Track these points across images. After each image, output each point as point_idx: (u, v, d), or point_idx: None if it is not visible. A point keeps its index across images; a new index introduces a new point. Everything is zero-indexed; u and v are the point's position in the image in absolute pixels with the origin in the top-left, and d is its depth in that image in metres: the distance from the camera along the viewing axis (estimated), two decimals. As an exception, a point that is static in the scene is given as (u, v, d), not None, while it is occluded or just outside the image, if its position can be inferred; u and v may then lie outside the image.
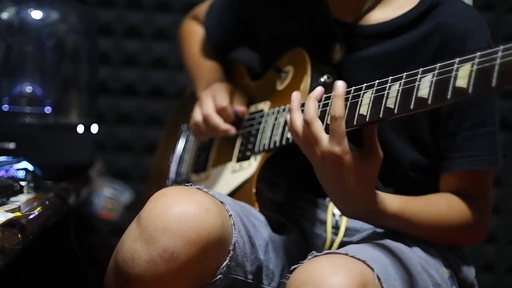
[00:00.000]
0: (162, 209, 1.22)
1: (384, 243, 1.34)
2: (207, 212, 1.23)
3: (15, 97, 1.76)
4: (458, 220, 1.40)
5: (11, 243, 1.15)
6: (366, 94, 1.23)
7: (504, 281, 2.52)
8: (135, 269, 1.20)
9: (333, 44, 1.46)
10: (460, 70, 1.09)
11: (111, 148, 2.54)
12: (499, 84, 1.03)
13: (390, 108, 1.19)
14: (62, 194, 1.60)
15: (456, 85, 1.09)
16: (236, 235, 1.29)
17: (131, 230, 1.23)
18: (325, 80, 1.45)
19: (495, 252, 2.50)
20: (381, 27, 1.42)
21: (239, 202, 1.41)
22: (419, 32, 1.39)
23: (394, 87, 1.19)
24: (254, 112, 1.59)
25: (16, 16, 1.81)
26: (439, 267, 1.38)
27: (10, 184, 1.42)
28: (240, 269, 1.31)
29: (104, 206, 2.21)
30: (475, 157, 1.39)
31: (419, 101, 1.15)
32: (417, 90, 1.15)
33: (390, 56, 1.40)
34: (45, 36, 1.81)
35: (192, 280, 1.23)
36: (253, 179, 1.47)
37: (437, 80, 1.12)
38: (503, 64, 1.02)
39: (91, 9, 2.41)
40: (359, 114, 1.23)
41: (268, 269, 1.37)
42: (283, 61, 1.56)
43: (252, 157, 1.52)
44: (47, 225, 1.42)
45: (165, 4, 2.54)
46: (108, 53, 2.52)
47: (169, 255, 1.19)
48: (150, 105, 2.55)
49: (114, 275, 1.23)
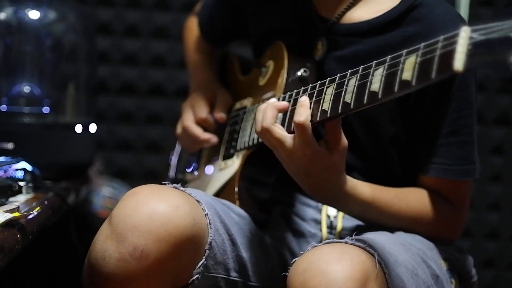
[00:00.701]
0: (133, 208, 1.23)
1: (384, 233, 1.35)
2: (177, 209, 1.24)
3: (13, 97, 1.76)
4: (428, 215, 1.40)
5: (11, 243, 1.15)
6: (329, 89, 1.24)
7: (505, 277, 2.52)
8: (106, 267, 1.20)
9: (316, 40, 1.46)
10: (406, 63, 1.09)
11: (111, 146, 2.54)
12: (437, 75, 1.02)
13: (347, 103, 1.19)
14: (62, 193, 1.60)
15: (402, 78, 1.09)
16: (213, 234, 1.29)
17: (103, 229, 1.24)
18: (301, 74, 1.44)
19: (496, 248, 2.50)
20: (361, 25, 1.41)
21: (222, 201, 1.41)
22: (399, 33, 1.38)
23: (351, 82, 1.20)
24: (238, 109, 1.60)
25: (14, 15, 1.81)
26: (437, 259, 1.39)
27: (9, 184, 1.42)
28: (221, 267, 1.31)
29: (103, 205, 2.20)
30: (448, 166, 1.39)
31: (371, 95, 1.15)
32: (370, 84, 1.15)
33: (369, 56, 1.38)
34: (43, 35, 1.81)
35: (166, 278, 1.23)
36: (236, 177, 1.47)
37: (387, 73, 1.12)
38: (442, 55, 1.01)
39: (90, 8, 2.41)
40: (322, 109, 1.24)
41: (254, 266, 1.37)
42: (266, 55, 1.55)
43: (235, 155, 1.52)
44: (46, 225, 1.42)
45: (164, 3, 2.54)
46: (108, 52, 2.52)
47: (139, 253, 1.19)
48: (150, 103, 2.55)
49: (88, 273, 1.24)
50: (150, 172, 2.54)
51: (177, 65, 2.53)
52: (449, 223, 1.44)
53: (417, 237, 1.40)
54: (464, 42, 0.98)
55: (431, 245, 1.41)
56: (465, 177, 1.41)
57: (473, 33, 0.98)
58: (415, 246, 1.36)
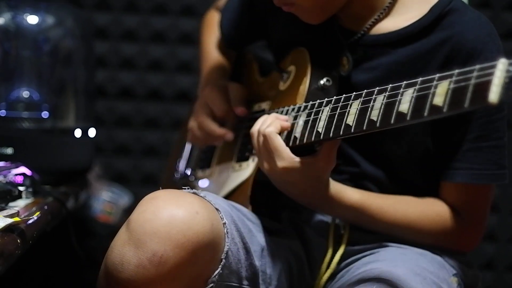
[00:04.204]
0: (152, 213, 1.22)
1: (397, 258, 1.35)
2: (196, 215, 1.23)
3: (12, 102, 1.76)
4: (429, 226, 1.40)
5: (11, 248, 1.15)
6: (354, 104, 1.24)
7: (504, 279, 2.52)
8: (124, 273, 1.19)
9: (341, 55, 1.44)
10: (438, 87, 1.08)
11: (110, 151, 2.54)
12: (471, 105, 1.02)
13: (373, 120, 1.19)
14: (61, 198, 1.60)
15: (433, 103, 1.08)
16: (229, 243, 1.28)
17: (120, 234, 1.23)
18: (324, 83, 1.42)
19: (495, 251, 2.50)
20: (390, 36, 1.40)
21: (235, 205, 1.41)
22: (429, 41, 1.38)
23: (379, 99, 1.19)
24: (256, 111, 1.58)
25: (12, 21, 1.81)
26: (448, 277, 1.38)
27: (8, 189, 1.42)
28: (234, 276, 1.31)
29: (103, 209, 2.21)
30: (476, 171, 1.37)
31: (398, 115, 1.14)
32: (398, 104, 1.15)
33: (400, 66, 1.38)
34: (41, 40, 1.81)
35: (182, 284, 1.22)
36: (249, 181, 1.47)
37: (417, 95, 1.12)
38: (477, 85, 1.01)
39: (87, 13, 2.41)
40: (346, 124, 1.24)
41: (265, 274, 1.36)
42: (287, 60, 1.54)
43: (251, 158, 1.52)
44: (46, 229, 1.42)
45: (162, 7, 2.54)
46: (105, 57, 2.52)
47: (158, 259, 1.19)
48: (148, 107, 2.54)
49: (104, 279, 1.23)
50: (148, 177, 2.53)
51: (175, 69, 2.53)
52: (460, 236, 1.42)
53: (428, 256, 1.39)
54: (501, 75, 0.98)
55: (441, 262, 1.40)
56: (492, 181, 1.39)
57: (510, 66, 0.98)
58: (428, 271, 1.34)
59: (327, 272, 1.42)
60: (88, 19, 2.10)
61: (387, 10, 1.42)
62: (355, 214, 1.39)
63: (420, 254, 1.38)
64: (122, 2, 2.53)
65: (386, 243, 1.42)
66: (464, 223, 1.41)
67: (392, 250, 1.40)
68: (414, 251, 1.39)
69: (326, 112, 1.30)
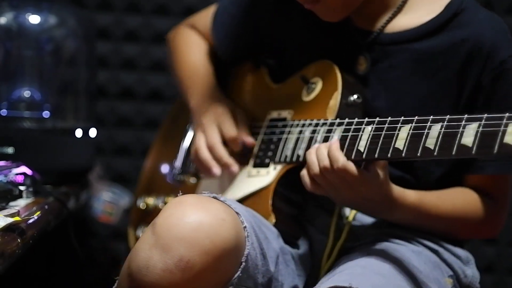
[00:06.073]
0: (178, 218, 1.22)
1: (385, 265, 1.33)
2: (223, 222, 1.23)
3: (13, 102, 1.76)
4: (472, 215, 1.42)
5: (11, 247, 1.15)
6: (404, 128, 1.25)
7: (504, 282, 2.52)
8: (149, 277, 1.19)
9: (357, 54, 1.44)
10: (509, 126, 1.11)
11: (110, 151, 2.53)
12: None
13: (429, 148, 1.20)
14: (62, 198, 1.60)
15: (504, 141, 1.11)
16: (249, 247, 1.28)
17: (146, 238, 1.23)
18: (354, 100, 1.42)
19: (496, 253, 2.50)
20: (407, 34, 1.42)
21: (252, 212, 1.40)
22: (447, 38, 1.40)
23: (435, 127, 1.20)
24: (276, 119, 1.55)
25: (14, 20, 1.81)
26: (441, 278, 1.38)
27: (9, 188, 1.42)
28: (251, 281, 1.30)
29: (103, 210, 2.20)
30: (505, 161, 1.40)
31: (461, 147, 1.16)
32: (460, 136, 1.16)
33: (421, 63, 1.39)
34: (43, 40, 1.82)
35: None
36: (271, 189, 1.45)
37: (484, 131, 1.14)
38: None
39: (89, 13, 2.41)
40: (394, 147, 1.24)
41: (277, 281, 1.36)
42: (310, 70, 1.52)
43: (272, 165, 1.49)
44: (46, 229, 1.42)
45: (164, 8, 2.54)
46: (107, 57, 2.52)
47: (185, 264, 1.19)
48: (149, 108, 2.55)
49: (127, 281, 1.23)
50: (149, 177, 2.53)
51: (177, 70, 2.53)
52: (493, 221, 1.46)
53: (422, 255, 1.39)
54: None
55: (436, 262, 1.40)
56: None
57: None
58: (418, 270, 1.33)
59: (326, 265, 1.43)
60: (90, 20, 2.10)
61: (400, 8, 1.43)
62: (414, 213, 1.39)
63: (413, 252, 1.38)
64: (124, 3, 2.53)
65: (385, 237, 1.41)
66: (496, 209, 1.45)
67: (385, 246, 1.39)
68: (409, 248, 1.39)
69: (368, 131, 1.30)
